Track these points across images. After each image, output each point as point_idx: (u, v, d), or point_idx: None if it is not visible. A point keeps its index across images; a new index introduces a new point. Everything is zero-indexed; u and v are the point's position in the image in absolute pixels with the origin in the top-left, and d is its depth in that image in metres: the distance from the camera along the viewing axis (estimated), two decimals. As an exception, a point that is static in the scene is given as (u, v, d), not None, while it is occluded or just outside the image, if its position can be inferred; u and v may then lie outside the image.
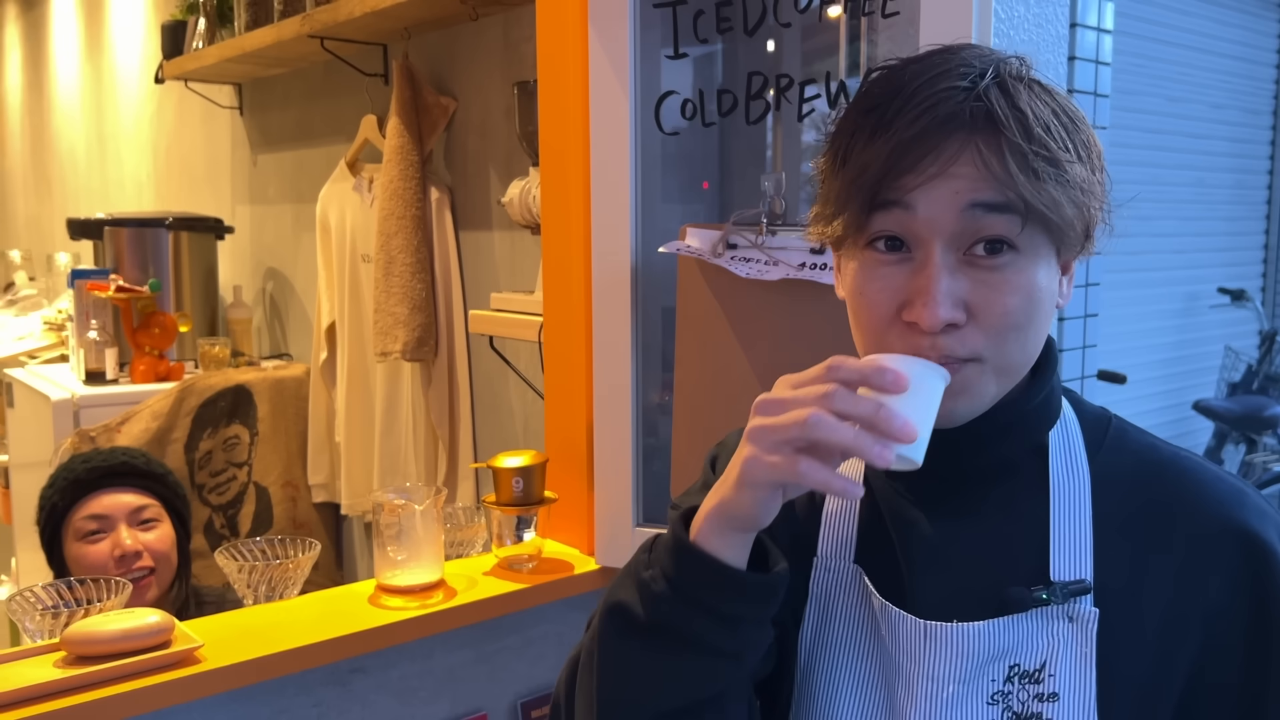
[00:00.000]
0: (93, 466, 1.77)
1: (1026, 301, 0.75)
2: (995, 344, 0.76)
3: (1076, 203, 0.75)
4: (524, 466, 1.52)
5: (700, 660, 0.76)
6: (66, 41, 4.55)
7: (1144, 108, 3.71)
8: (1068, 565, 0.80)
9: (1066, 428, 0.84)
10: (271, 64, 2.81)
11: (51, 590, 1.33)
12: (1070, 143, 0.75)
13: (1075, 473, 0.82)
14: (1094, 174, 0.77)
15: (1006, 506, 0.83)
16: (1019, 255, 0.75)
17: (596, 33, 1.49)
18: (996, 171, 0.73)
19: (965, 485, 0.84)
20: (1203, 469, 0.82)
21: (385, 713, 1.40)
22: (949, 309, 0.74)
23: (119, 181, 4.22)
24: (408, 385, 2.44)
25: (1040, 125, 0.74)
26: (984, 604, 0.80)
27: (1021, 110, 0.74)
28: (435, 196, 2.32)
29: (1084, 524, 0.81)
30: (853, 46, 1.41)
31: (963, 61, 0.77)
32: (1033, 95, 0.76)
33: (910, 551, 0.85)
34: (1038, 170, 0.73)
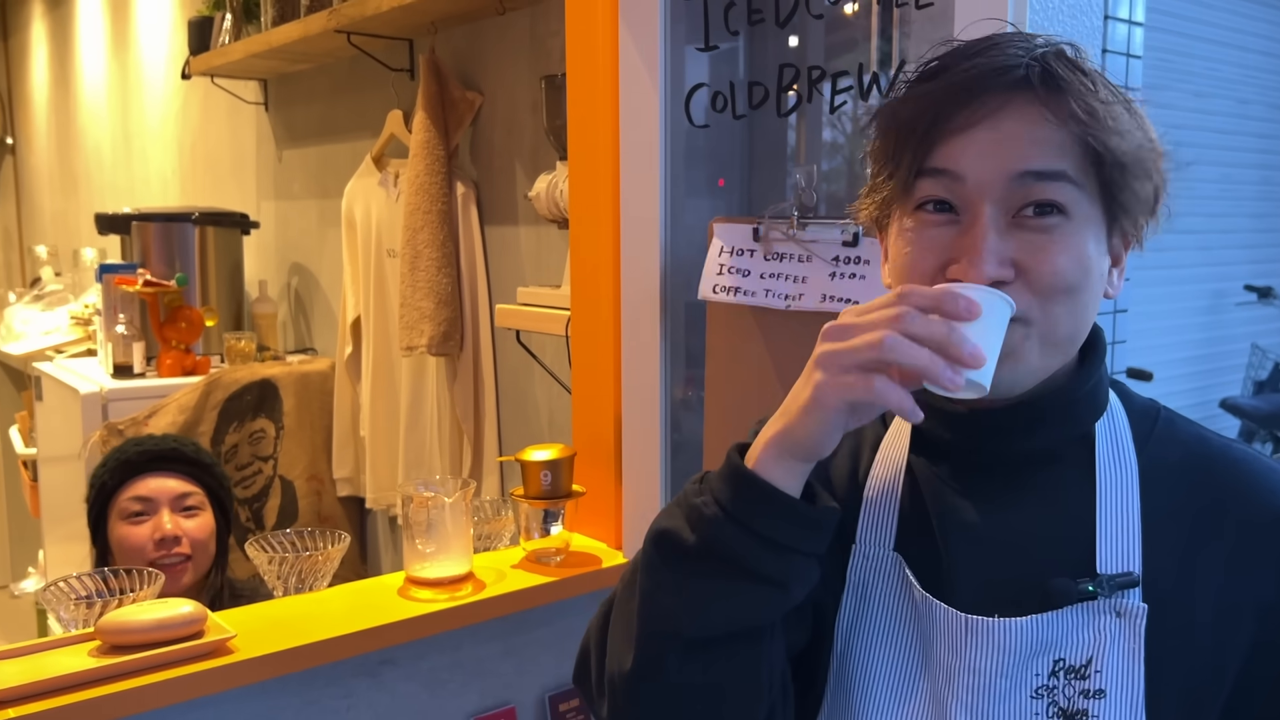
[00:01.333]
0: (144, 449, 1.81)
1: (1075, 265, 0.75)
2: (1043, 306, 0.75)
3: (1124, 179, 0.75)
4: (552, 460, 1.52)
5: (748, 586, 0.75)
6: (93, 38, 4.58)
7: (1170, 103, 3.68)
8: (1115, 558, 0.78)
9: (1114, 419, 0.83)
10: (297, 59, 2.82)
11: (85, 580, 1.34)
12: (1126, 119, 0.75)
13: (1123, 464, 0.81)
14: (1147, 159, 0.77)
15: (1052, 496, 0.82)
16: (1068, 220, 0.75)
17: (627, 25, 1.49)
18: (1047, 134, 0.74)
19: (1010, 473, 0.83)
20: (1255, 459, 0.81)
21: (414, 704, 1.41)
22: (994, 266, 0.74)
23: (145, 178, 4.25)
24: (433, 380, 2.45)
25: (1095, 96, 0.74)
26: (1028, 596, 0.79)
27: (1072, 78, 0.75)
28: (461, 191, 2.32)
29: (1132, 516, 0.79)
30: (885, 38, 1.40)
31: (1017, 37, 0.78)
32: (1086, 72, 0.76)
33: (952, 540, 0.84)
34: (1088, 138, 0.74)
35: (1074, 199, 0.75)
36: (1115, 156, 0.74)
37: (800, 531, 0.75)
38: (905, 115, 0.77)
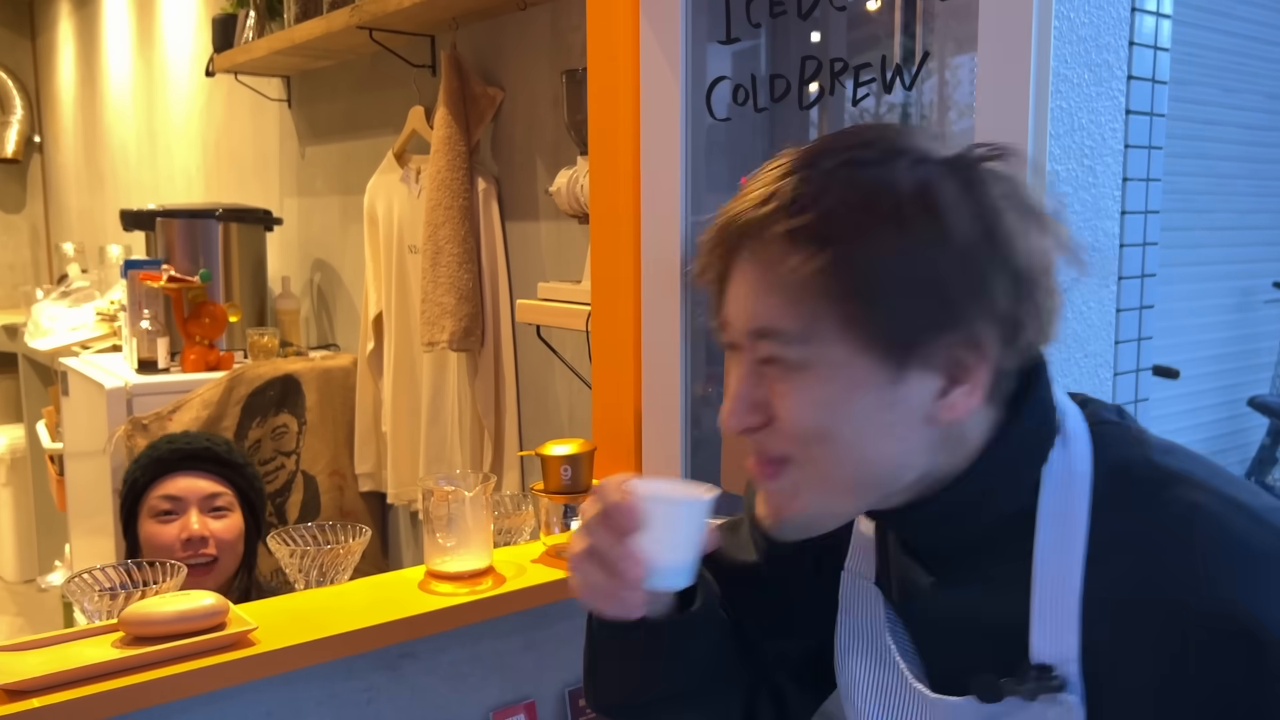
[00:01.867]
0: (176, 448, 1.81)
1: (817, 411, 0.73)
2: (801, 450, 0.74)
3: (869, 312, 0.70)
4: (573, 455, 1.52)
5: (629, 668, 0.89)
6: (118, 37, 4.62)
7: (1198, 98, 3.64)
8: (1048, 648, 0.73)
9: (1071, 480, 0.75)
10: (320, 56, 2.83)
11: (109, 572, 1.35)
12: (872, 243, 0.69)
13: (1067, 538, 0.73)
14: (935, 271, 0.69)
15: (995, 577, 0.77)
16: (805, 369, 0.72)
17: (648, 19, 1.48)
18: (758, 291, 0.73)
19: (944, 555, 0.81)
20: (1220, 532, 0.70)
21: (434, 698, 1.41)
22: (740, 415, 0.76)
23: (169, 175, 4.28)
24: (454, 375, 2.45)
25: (820, 230, 0.70)
26: (967, 678, 0.77)
27: (799, 215, 0.71)
28: (482, 187, 2.33)
29: (1070, 599, 0.72)
30: (908, 32, 1.39)
31: (808, 155, 0.75)
32: (855, 191, 0.70)
33: (904, 603, 0.84)
34: (800, 287, 0.70)
35: (802, 352, 0.72)
36: (860, 296, 0.70)
37: (643, 643, 0.86)
38: (699, 260, 0.80)
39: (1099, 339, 1.46)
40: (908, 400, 0.72)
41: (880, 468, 0.75)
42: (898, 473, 0.76)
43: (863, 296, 0.70)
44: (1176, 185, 3.29)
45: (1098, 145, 1.36)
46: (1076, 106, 1.30)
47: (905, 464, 0.75)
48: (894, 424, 0.73)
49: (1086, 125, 1.33)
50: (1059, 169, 1.30)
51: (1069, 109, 1.29)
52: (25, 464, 4.58)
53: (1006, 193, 0.72)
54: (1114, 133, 1.40)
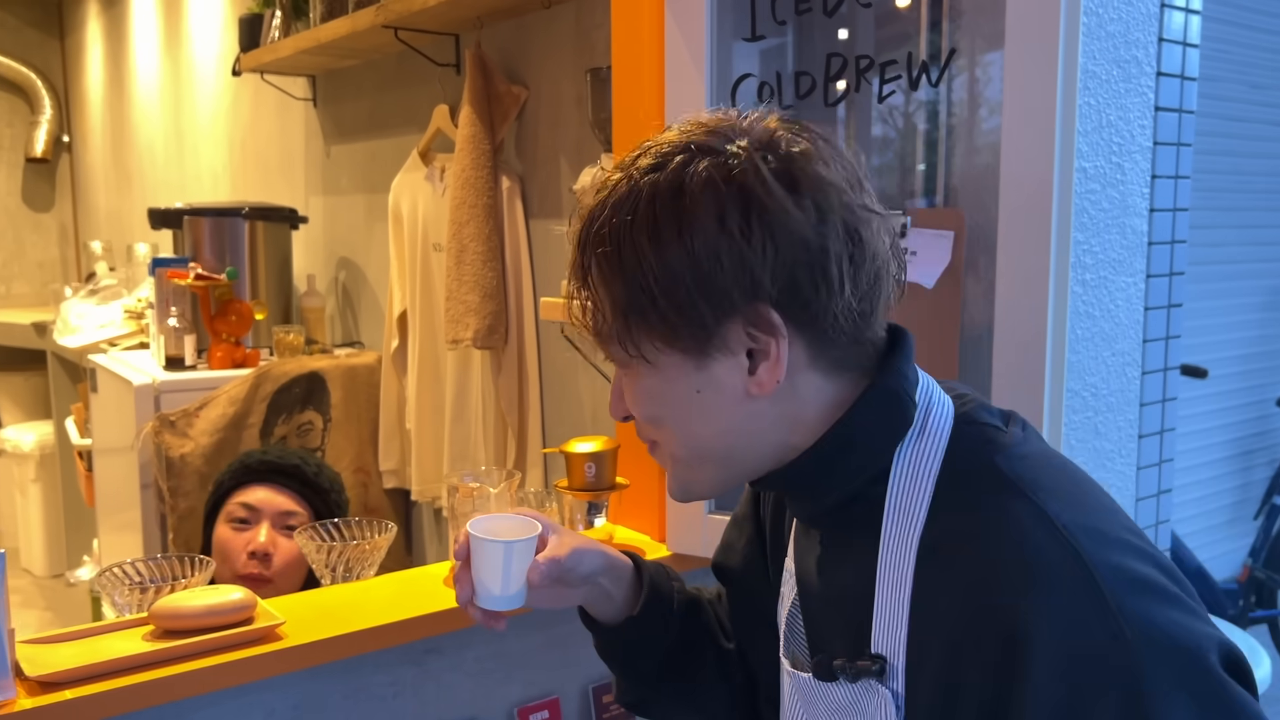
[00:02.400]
0: (267, 460, 1.83)
1: (641, 401, 0.82)
2: (655, 434, 0.84)
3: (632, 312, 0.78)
4: (597, 452, 1.52)
5: (614, 670, 1.06)
6: (146, 37, 4.66)
7: (1227, 94, 3.60)
8: (883, 637, 0.77)
9: (918, 471, 0.78)
10: (345, 55, 2.85)
11: (139, 566, 1.36)
12: (633, 258, 0.76)
13: (906, 529, 0.77)
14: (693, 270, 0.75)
15: (849, 558, 0.82)
16: (626, 368, 0.82)
17: (673, 17, 1.48)
18: (573, 305, 0.83)
19: (825, 535, 0.87)
20: (1019, 539, 0.71)
21: (459, 693, 1.42)
22: (614, 406, 0.86)
23: (196, 174, 4.32)
24: (478, 373, 2.46)
25: (594, 254, 0.78)
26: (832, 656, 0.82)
27: (584, 239, 0.80)
28: (506, 185, 2.33)
29: (902, 592, 0.75)
30: (935, 29, 1.38)
31: (613, 173, 0.81)
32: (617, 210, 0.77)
33: (801, 582, 0.90)
34: (578, 296, 0.81)
35: (621, 351, 0.80)
36: (631, 305, 0.77)
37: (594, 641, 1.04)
38: None
39: (1127, 337, 1.45)
40: (718, 382, 0.79)
41: (719, 444, 0.82)
42: (739, 446, 0.82)
43: (641, 303, 0.77)
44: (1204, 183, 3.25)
45: (1126, 142, 1.36)
46: (1105, 103, 1.30)
47: (742, 439, 0.81)
48: (713, 405, 0.80)
49: (1115, 122, 1.32)
50: (1087, 166, 1.29)
51: (1097, 106, 1.29)
52: (54, 460, 4.64)
53: (779, 173, 0.75)
54: (1143, 129, 1.39)
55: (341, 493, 1.90)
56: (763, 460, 0.83)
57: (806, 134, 0.79)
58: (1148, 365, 1.63)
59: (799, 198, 0.75)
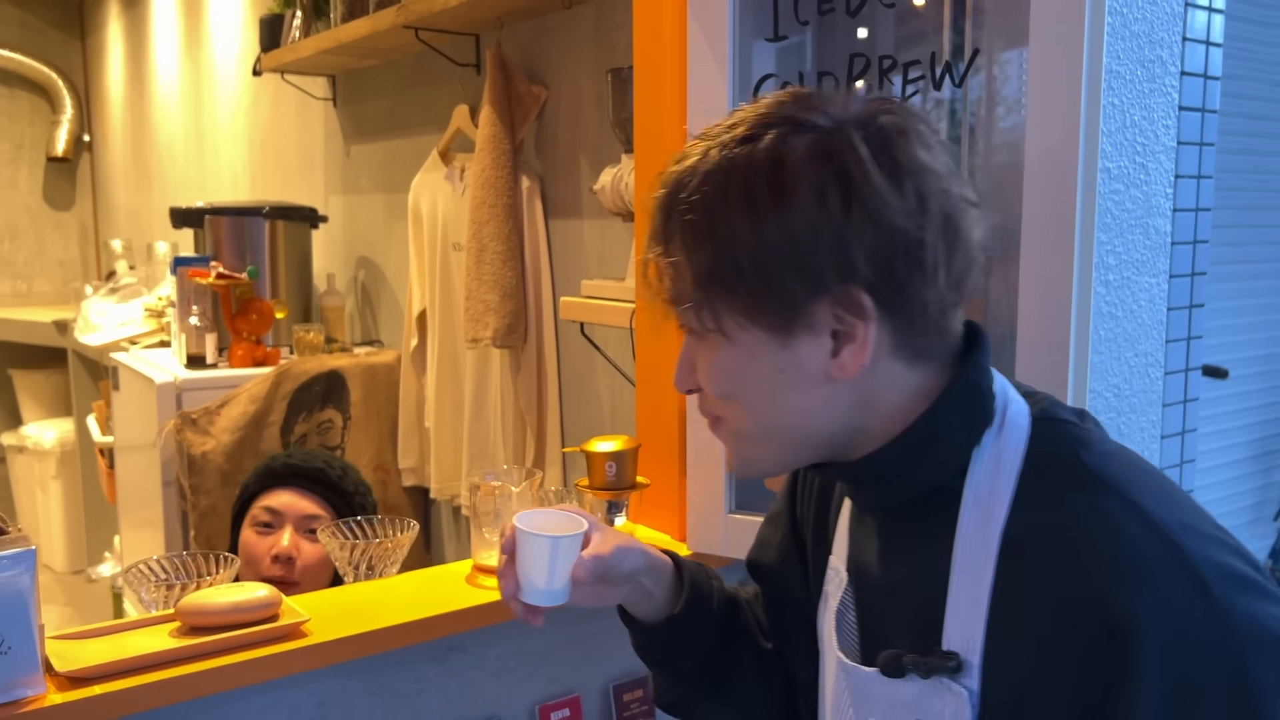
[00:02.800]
0: (291, 463, 1.82)
1: (720, 376, 0.80)
2: (721, 409, 0.83)
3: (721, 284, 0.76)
4: (617, 451, 1.53)
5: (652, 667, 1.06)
6: (167, 37, 4.69)
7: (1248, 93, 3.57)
8: (958, 634, 0.75)
9: (999, 468, 0.77)
10: (365, 55, 2.86)
11: (164, 563, 1.37)
12: (729, 227, 0.74)
13: (985, 529, 0.75)
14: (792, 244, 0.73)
15: (921, 554, 0.81)
16: (699, 338, 0.81)
17: (695, 17, 1.48)
18: (652, 271, 0.80)
19: (883, 526, 0.85)
20: (1112, 534, 0.70)
21: (482, 690, 1.42)
22: (680, 377, 0.84)
23: (216, 173, 4.34)
24: (497, 372, 2.47)
25: (670, 213, 0.77)
26: (882, 650, 0.81)
27: (671, 205, 0.78)
28: (526, 185, 2.34)
29: (980, 590, 0.74)
30: (957, 29, 1.38)
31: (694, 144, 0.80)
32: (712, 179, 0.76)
33: (858, 576, 0.89)
34: (661, 264, 0.79)
35: (700, 322, 0.79)
36: (724, 275, 0.75)
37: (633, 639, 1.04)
38: None
39: (1149, 337, 1.44)
40: (800, 362, 0.77)
41: (791, 424, 0.81)
42: (810, 427, 0.80)
43: (729, 275, 0.75)
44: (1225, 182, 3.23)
45: (1150, 142, 1.35)
46: (1129, 103, 1.29)
47: (814, 420, 0.80)
48: (792, 385, 0.78)
49: (1139, 122, 1.32)
50: (1111, 166, 1.29)
51: (1121, 105, 1.28)
52: (74, 457, 4.67)
53: (878, 154, 0.74)
54: (1166, 129, 1.38)
55: (368, 495, 1.90)
56: (831, 443, 0.82)
57: (908, 116, 0.77)
58: (1170, 366, 1.63)
59: (900, 181, 0.73)
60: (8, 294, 5.71)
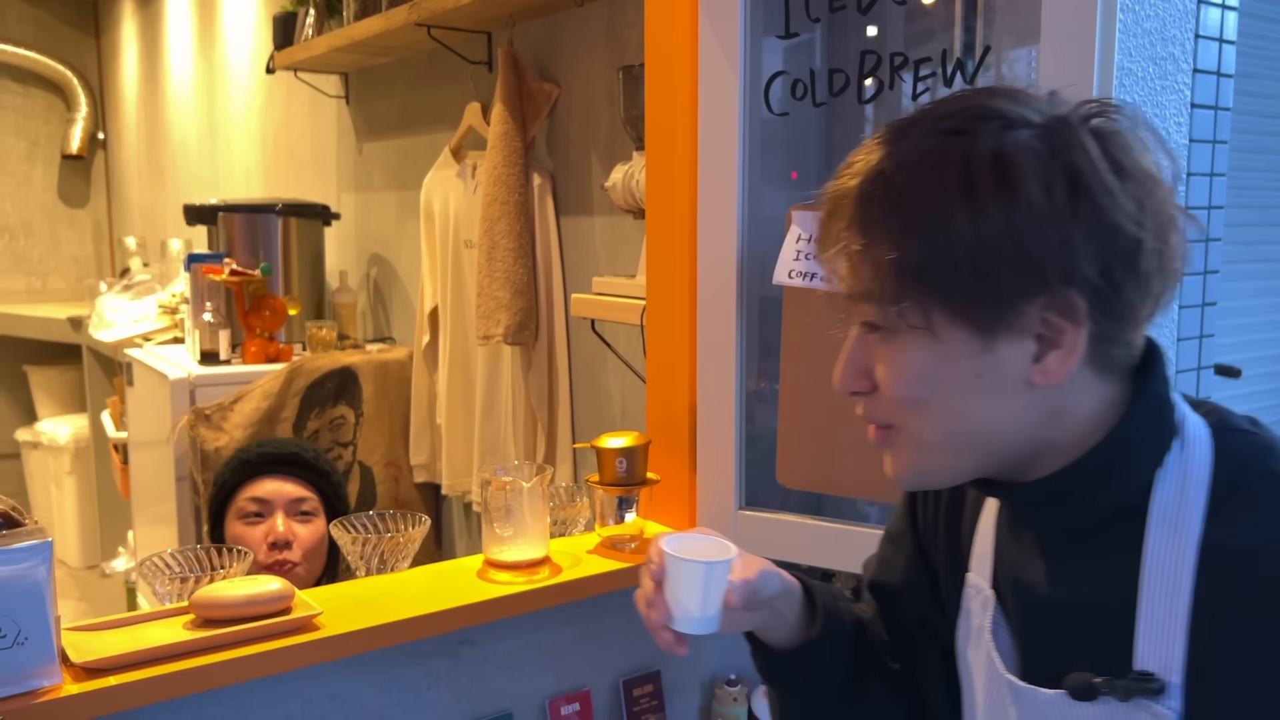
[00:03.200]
0: (265, 451, 1.84)
1: (911, 379, 0.75)
2: (898, 415, 0.78)
3: (946, 280, 0.71)
4: (628, 447, 1.53)
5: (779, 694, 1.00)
6: (180, 35, 4.72)
7: (1263, 91, 3.56)
8: (1153, 655, 0.73)
9: (1186, 483, 0.74)
10: (378, 53, 2.87)
11: (179, 556, 1.39)
12: (942, 210, 0.70)
13: (1180, 543, 0.73)
14: (1019, 237, 0.69)
15: (1101, 574, 0.77)
16: (891, 335, 0.75)
17: (707, 14, 1.49)
18: (842, 262, 0.76)
19: (1055, 545, 0.81)
20: None
21: (492, 684, 1.43)
22: (848, 378, 0.80)
23: (229, 170, 4.36)
24: (508, 368, 2.48)
25: (894, 206, 0.72)
26: (1064, 672, 0.77)
27: (872, 189, 0.73)
28: (538, 182, 2.35)
29: (1178, 609, 0.72)
30: (968, 26, 1.38)
31: (893, 131, 0.76)
32: (927, 166, 0.71)
33: (1014, 596, 0.85)
34: (871, 254, 0.73)
35: (894, 320, 0.74)
36: (935, 267, 0.71)
37: (764, 667, 0.98)
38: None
39: (1160, 336, 1.44)
40: (1000, 366, 0.73)
41: (979, 433, 0.76)
42: (999, 437, 0.76)
43: (942, 269, 0.70)
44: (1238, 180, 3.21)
45: (1162, 139, 1.35)
46: (1141, 100, 1.29)
47: (1004, 429, 0.76)
48: (988, 390, 0.74)
49: (1151, 119, 1.32)
50: (1122, 163, 1.29)
51: (1133, 103, 1.28)
52: (89, 453, 4.70)
53: (1104, 154, 0.71)
54: (1179, 127, 1.38)
55: (339, 474, 1.92)
56: (1011, 457, 0.78)
57: (1131, 118, 0.74)
58: (1181, 364, 1.63)
59: (1125, 184, 0.71)
60: (23, 291, 5.74)
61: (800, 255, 1.41)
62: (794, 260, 1.41)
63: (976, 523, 0.91)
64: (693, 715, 1.65)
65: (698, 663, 1.65)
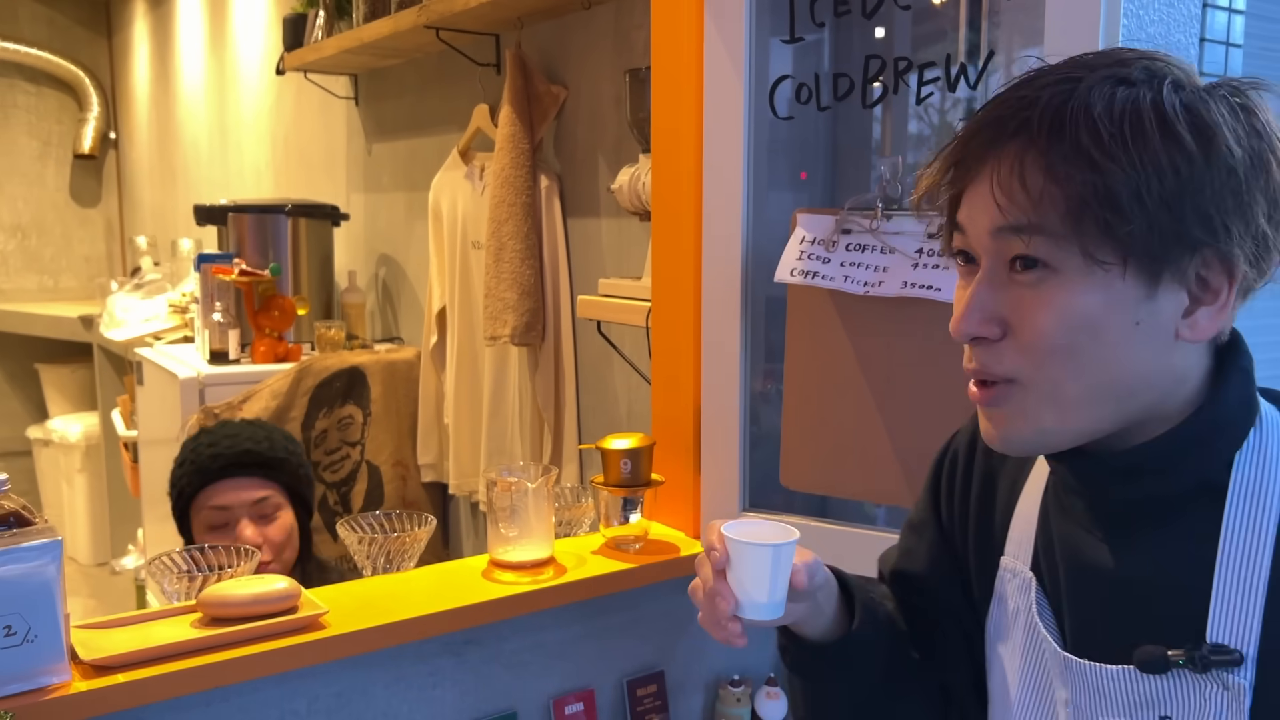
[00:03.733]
0: (217, 453, 1.76)
1: (1062, 324, 0.72)
2: (1034, 366, 0.73)
3: (1138, 219, 0.69)
4: (632, 448, 1.54)
5: (811, 689, 0.98)
6: (191, 36, 4.74)
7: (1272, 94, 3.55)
8: (1228, 626, 0.73)
9: (1266, 459, 0.75)
10: (387, 55, 2.88)
11: (186, 555, 1.40)
12: (1142, 149, 0.68)
13: (1259, 518, 0.74)
14: (1205, 184, 0.69)
15: (1178, 546, 0.77)
16: (1054, 273, 0.72)
17: (712, 18, 1.49)
18: (1010, 188, 0.72)
19: (1137, 516, 0.79)
20: None
21: (497, 684, 1.44)
22: (974, 323, 0.75)
23: (239, 170, 4.38)
24: (515, 369, 2.49)
25: (1087, 131, 0.69)
26: (1127, 648, 0.77)
27: (1063, 117, 0.70)
28: (545, 184, 2.36)
29: (1258, 581, 0.73)
30: (973, 29, 1.39)
31: (1059, 68, 0.74)
32: (1116, 99, 0.70)
33: (1070, 575, 0.84)
34: (1061, 184, 0.70)
35: (1053, 251, 0.71)
36: (1107, 195, 0.69)
37: (819, 665, 0.94)
38: (942, 161, 0.78)
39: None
40: (1158, 317, 0.72)
41: (1125, 387, 0.74)
42: (1135, 396, 0.74)
43: (1130, 209, 0.69)
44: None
45: (1166, 144, 1.36)
46: (1144, 105, 1.30)
47: (1144, 385, 0.74)
48: (1142, 341, 0.72)
49: (1154, 123, 1.32)
50: (1126, 168, 1.29)
51: (1137, 107, 1.29)
52: (99, 451, 4.73)
53: (1270, 120, 0.73)
54: (1183, 131, 1.39)
55: (297, 447, 1.85)
56: (1134, 417, 0.75)
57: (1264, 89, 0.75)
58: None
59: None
60: (35, 289, 5.78)
61: (804, 255, 1.41)
62: (796, 259, 1.42)
63: (1014, 507, 0.90)
64: (696, 715, 1.66)
65: (701, 663, 1.66)
